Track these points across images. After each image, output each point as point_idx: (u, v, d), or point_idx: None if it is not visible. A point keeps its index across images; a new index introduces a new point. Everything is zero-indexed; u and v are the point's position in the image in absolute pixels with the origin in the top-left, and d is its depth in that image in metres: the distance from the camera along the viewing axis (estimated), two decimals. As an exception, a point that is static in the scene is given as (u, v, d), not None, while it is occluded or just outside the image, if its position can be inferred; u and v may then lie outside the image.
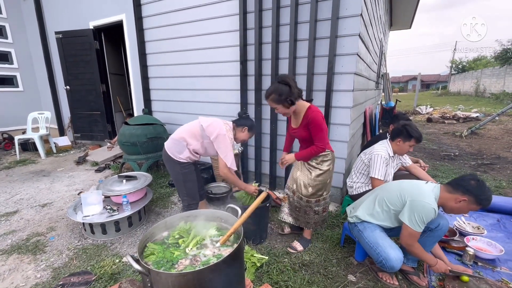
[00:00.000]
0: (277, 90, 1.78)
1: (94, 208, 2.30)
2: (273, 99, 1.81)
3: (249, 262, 1.88)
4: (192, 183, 2.14)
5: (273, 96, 1.80)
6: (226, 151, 2.00)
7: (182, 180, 2.10)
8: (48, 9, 5.36)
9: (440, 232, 1.72)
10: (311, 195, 2.00)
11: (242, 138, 2.21)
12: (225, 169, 2.02)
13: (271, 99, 1.82)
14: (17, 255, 2.09)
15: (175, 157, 2.05)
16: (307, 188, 2.00)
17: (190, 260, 1.19)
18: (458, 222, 2.44)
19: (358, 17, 2.45)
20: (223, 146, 2.01)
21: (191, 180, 2.13)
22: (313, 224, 2.13)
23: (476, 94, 19.83)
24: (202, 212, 1.51)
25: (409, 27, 10.61)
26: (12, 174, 4.02)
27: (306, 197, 2.02)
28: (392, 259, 1.58)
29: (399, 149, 2.25)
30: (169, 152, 2.07)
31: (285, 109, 1.84)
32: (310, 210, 2.05)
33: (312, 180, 1.98)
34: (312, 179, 1.98)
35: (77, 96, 5.29)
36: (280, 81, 1.80)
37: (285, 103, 1.79)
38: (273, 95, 1.79)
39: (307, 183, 1.99)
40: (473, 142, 6.13)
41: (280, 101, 1.79)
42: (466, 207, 1.53)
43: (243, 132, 2.18)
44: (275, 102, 1.81)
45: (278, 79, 1.83)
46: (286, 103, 1.79)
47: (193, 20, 3.41)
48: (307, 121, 1.87)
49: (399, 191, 1.66)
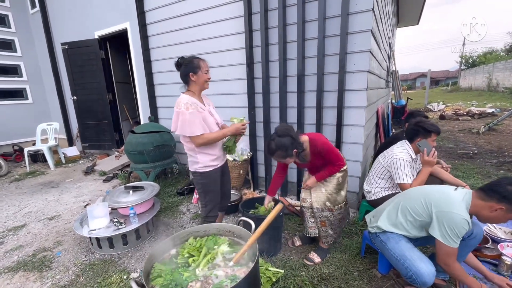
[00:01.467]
0: (281, 146, 1.68)
1: (100, 221, 2.22)
2: (279, 155, 1.73)
3: (264, 276, 1.75)
4: (213, 194, 1.95)
5: (278, 153, 1.71)
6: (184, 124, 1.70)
7: (203, 190, 1.93)
8: (54, 21, 5.42)
9: (474, 241, 1.55)
10: (333, 203, 1.94)
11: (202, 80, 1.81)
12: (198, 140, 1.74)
13: (277, 156, 1.74)
14: (23, 272, 2.02)
15: (194, 169, 1.88)
16: (329, 197, 1.93)
17: (201, 282, 1.07)
18: (488, 227, 2.24)
19: (369, 12, 2.32)
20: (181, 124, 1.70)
21: (212, 190, 1.94)
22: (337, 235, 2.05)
23: (488, 88, 19.21)
24: (212, 226, 1.39)
25: (417, 23, 10.37)
26: (21, 186, 4.01)
27: (328, 206, 1.94)
28: (424, 274, 1.42)
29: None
30: (190, 168, 1.91)
31: (292, 159, 1.78)
32: (335, 219, 1.97)
33: (332, 190, 1.93)
34: (333, 187, 1.93)
35: (84, 106, 5.30)
36: (281, 135, 1.70)
37: (293, 155, 1.72)
38: (279, 151, 1.70)
39: (329, 192, 1.94)
40: (491, 138, 5.85)
41: (287, 155, 1.72)
42: (503, 216, 1.34)
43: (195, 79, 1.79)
44: (282, 158, 1.74)
45: (277, 132, 1.72)
46: (295, 154, 1.72)
47: (197, 24, 3.35)
48: (317, 152, 1.82)
49: (424, 198, 1.49)
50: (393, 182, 2.14)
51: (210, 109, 1.93)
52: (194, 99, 1.78)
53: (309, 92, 2.74)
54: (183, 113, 1.69)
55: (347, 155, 2.66)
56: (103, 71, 4.91)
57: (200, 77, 1.79)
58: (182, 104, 1.70)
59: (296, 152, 1.72)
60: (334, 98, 2.58)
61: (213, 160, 1.88)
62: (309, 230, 2.07)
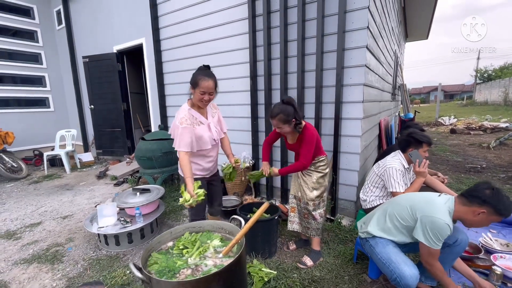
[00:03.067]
0: (284, 110, 1.85)
1: (108, 219, 2.39)
2: (280, 119, 1.87)
3: (257, 276, 1.84)
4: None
5: (280, 116, 1.87)
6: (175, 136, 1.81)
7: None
8: (78, 37, 5.89)
9: (459, 248, 1.60)
10: (316, 197, 2.07)
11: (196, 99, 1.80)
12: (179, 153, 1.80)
13: (278, 119, 1.88)
14: (37, 264, 2.20)
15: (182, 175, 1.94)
16: (312, 191, 2.07)
17: (192, 270, 1.20)
18: (484, 239, 2.26)
19: (365, 30, 2.47)
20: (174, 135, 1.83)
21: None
22: (321, 230, 2.16)
23: (505, 103, 18.72)
24: (206, 223, 1.52)
25: (426, 38, 10.46)
26: (39, 188, 4.29)
27: (312, 200, 2.07)
28: (406, 277, 1.48)
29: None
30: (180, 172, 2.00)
31: (289, 128, 1.92)
32: (317, 213, 2.10)
33: (316, 183, 2.07)
34: (315, 182, 2.07)
35: (100, 114, 5.64)
36: (286, 102, 1.89)
37: (291, 123, 1.88)
38: (281, 115, 1.86)
39: (311, 187, 2.07)
40: (502, 153, 5.74)
41: (287, 121, 1.87)
42: (486, 219, 1.42)
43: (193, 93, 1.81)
44: (282, 121, 1.88)
45: (283, 100, 1.91)
46: (292, 123, 1.88)
47: (206, 40, 3.60)
48: (302, 138, 1.97)
49: (410, 205, 1.58)
50: (387, 191, 2.21)
51: (211, 122, 1.95)
52: (194, 112, 1.84)
53: (308, 103, 2.88)
54: (176, 126, 1.79)
55: (344, 164, 2.76)
56: (119, 82, 5.25)
57: (195, 94, 1.79)
58: (179, 118, 1.79)
59: (294, 122, 1.88)
60: (332, 110, 2.71)
61: (200, 170, 1.99)
62: (295, 226, 2.21)
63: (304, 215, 2.15)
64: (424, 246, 1.47)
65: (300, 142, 1.99)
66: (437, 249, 1.45)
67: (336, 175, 2.77)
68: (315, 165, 2.08)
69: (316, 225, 2.12)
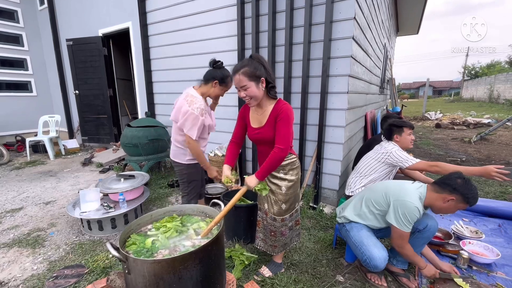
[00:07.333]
0: (252, 64, 1.40)
1: (91, 204, 2.38)
2: (245, 72, 1.39)
3: (238, 260, 1.90)
4: (196, 182, 2.12)
5: (245, 70, 1.39)
6: (191, 125, 1.84)
7: (187, 180, 2.08)
8: (61, 18, 5.65)
9: (429, 233, 1.69)
10: (285, 211, 1.66)
11: (216, 93, 1.95)
12: (191, 141, 1.88)
13: (243, 73, 1.39)
14: (17, 248, 2.18)
15: (182, 161, 2.04)
16: (281, 206, 1.64)
17: (170, 250, 1.23)
18: (456, 226, 2.38)
19: (351, 20, 2.48)
20: (188, 124, 1.84)
21: (196, 180, 2.11)
22: (290, 243, 1.79)
23: (489, 100, 19.31)
24: (187, 207, 1.55)
25: (417, 33, 10.55)
26: (21, 174, 4.19)
27: (280, 215, 1.66)
28: (375, 258, 1.57)
29: (403, 143, 2.25)
30: (174, 158, 2.06)
31: (257, 91, 1.43)
32: (285, 228, 1.70)
33: (284, 195, 1.62)
34: (283, 194, 1.61)
35: (85, 100, 5.49)
36: (254, 58, 1.44)
37: (261, 82, 1.42)
38: (246, 68, 1.39)
39: (279, 199, 1.63)
40: (482, 148, 5.97)
41: (254, 76, 1.39)
42: (454, 206, 1.51)
43: (214, 87, 1.92)
44: (247, 76, 1.39)
45: (250, 55, 1.48)
46: (262, 83, 1.43)
47: (194, 26, 3.53)
48: (276, 114, 1.46)
49: (384, 191, 1.66)
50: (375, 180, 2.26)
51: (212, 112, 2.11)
52: (204, 103, 1.91)
53: (294, 93, 2.90)
54: (195, 116, 1.82)
55: (328, 154, 2.82)
56: (105, 67, 5.11)
57: (218, 90, 1.94)
58: (196, 107, 1.82)
59: (264, 81, 1.43)
60: (317, 100, 2.74)
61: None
62: (260, 243, 1.84)
63: (271, 233, 1.71)
64: (395, 229, 1.56)
65: (273, 123, 1.48)
66: (407, 232, 1.54)
67: (320, 165, 2.83)
68: (285, 168, 1.59)
69: (283, 240, 1.73)
